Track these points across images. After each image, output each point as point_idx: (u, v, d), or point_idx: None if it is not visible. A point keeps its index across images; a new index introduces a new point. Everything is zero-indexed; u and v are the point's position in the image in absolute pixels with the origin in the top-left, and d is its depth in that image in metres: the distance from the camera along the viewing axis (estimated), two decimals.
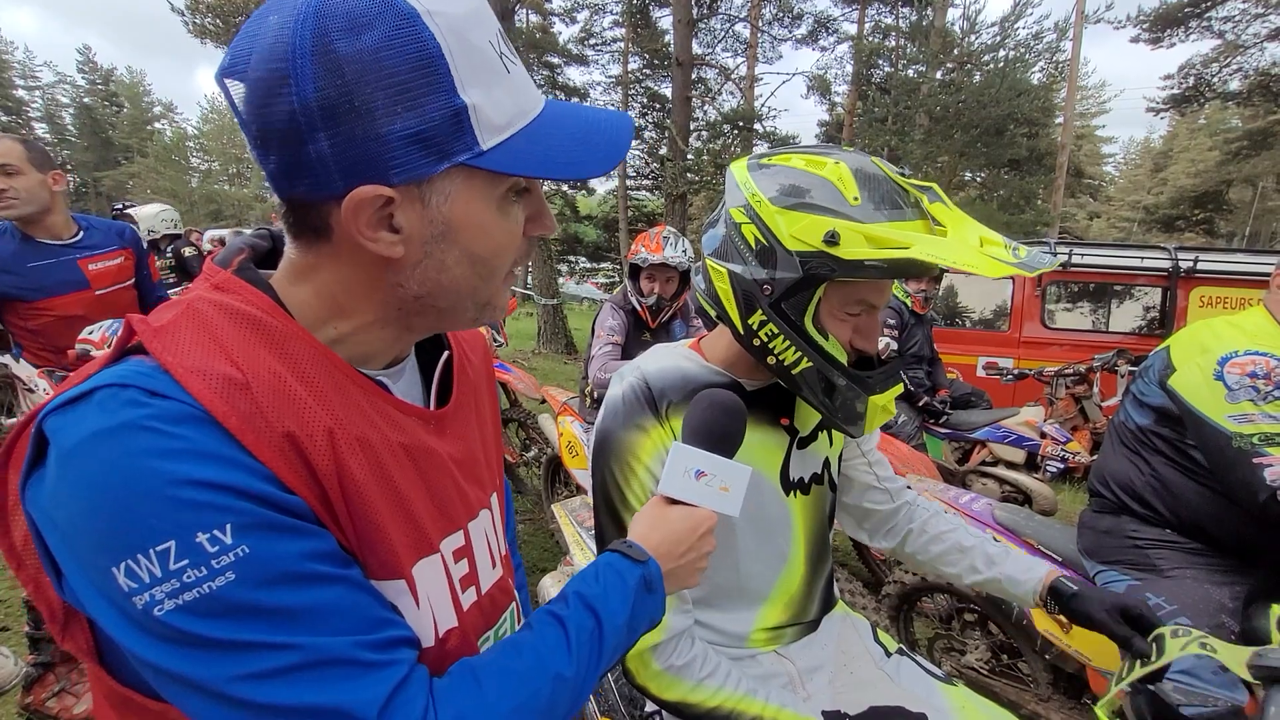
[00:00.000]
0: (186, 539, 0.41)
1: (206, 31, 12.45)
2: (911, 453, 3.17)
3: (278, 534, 0.45)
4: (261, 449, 0.46)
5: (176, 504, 0.42)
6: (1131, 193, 45.23)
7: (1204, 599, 1.48)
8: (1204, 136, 33.70)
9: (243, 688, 0.43)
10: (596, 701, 1.29)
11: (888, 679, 1.07)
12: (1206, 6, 17.89)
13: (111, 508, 0.41)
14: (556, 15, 23.24)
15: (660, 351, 1.05)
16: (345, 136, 0.46)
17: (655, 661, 0.92)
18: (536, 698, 0.54)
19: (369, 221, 0.49)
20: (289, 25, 0.45)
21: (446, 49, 0.47)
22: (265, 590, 0.44)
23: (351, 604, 0.48)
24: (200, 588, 0.42)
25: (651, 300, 2.76)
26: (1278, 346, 1.45)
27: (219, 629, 0.43)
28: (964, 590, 2.19)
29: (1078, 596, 0.98)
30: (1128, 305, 6.09)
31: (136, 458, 0.42)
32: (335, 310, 0.55)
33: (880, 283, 0.90)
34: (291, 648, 0.44)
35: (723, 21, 17.34)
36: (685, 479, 0.74)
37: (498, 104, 0.51)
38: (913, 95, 13.45)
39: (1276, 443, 1.38)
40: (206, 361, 0.47)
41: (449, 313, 0.58)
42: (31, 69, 44.09)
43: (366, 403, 0.55)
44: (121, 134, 43.41)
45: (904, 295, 4.07)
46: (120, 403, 0.43)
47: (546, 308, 10.54)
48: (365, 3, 0.45)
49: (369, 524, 0.53)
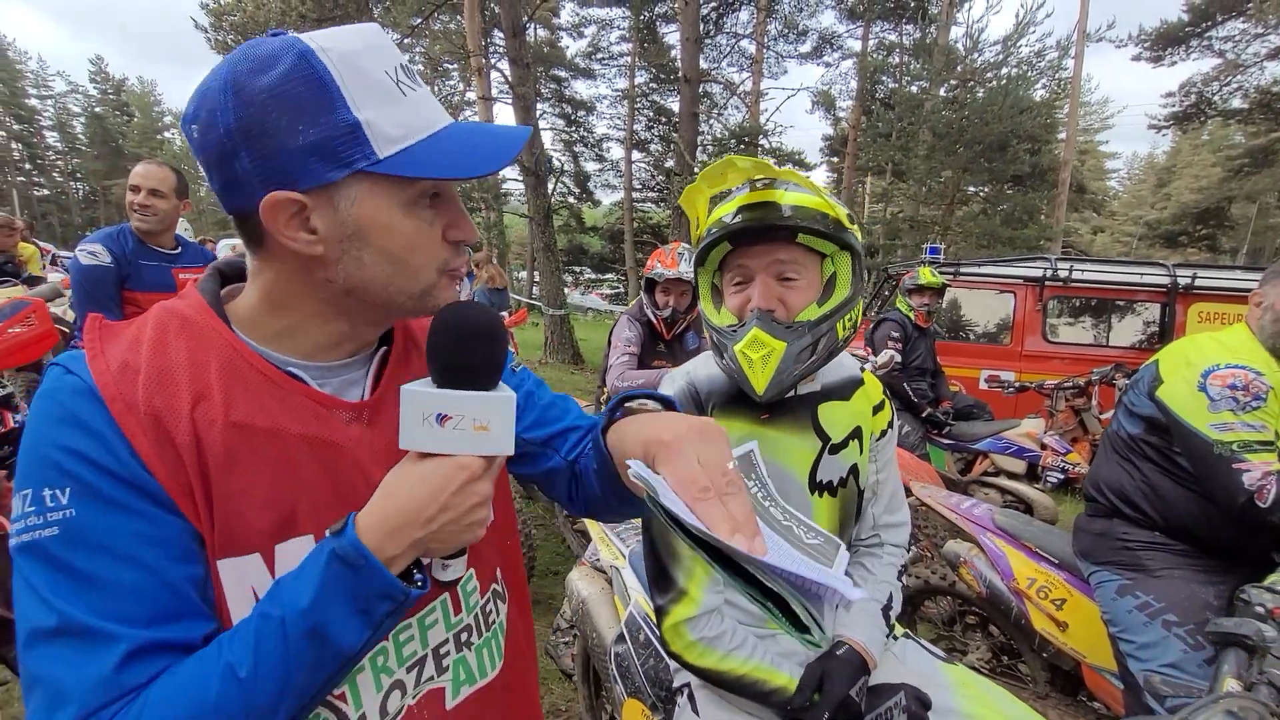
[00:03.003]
0: (38, 490, 0.51)
1: (228, 48, 12.71)
2: (916, 462, 3.26)
3: (109, 508, 0.52)
4: (130, 426, 0.53)
5: (42, 461, 0.52)
6: (1135, 208, 45.37)
7: (1190, 597, 1.58)
8: (1207, 152, 33.86)
9: (24, 638, 0.51)
10: (624, 683, 1.39)
11: (894, 659, 1.17)
12: (1207, 26, 18.10)
13: (20, 452, 0.54)
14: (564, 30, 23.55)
15: (708, 358, 1.19)
16: (260, 152, 0.56)
17: (690, 633, 1.03)
18: (202, 696, 0.51)
19: (287, 223, 0.58)
20: (219, 72, 0.57)
21: (337, 75, 0.57)
22: (74, 552, 0.51)
23: (148, 595, 0.52)
24: (34, 533, 0.51)
25: (666, 313, 2.88)
26: (1257, 360, 1.56)
27: (31, 571, 0.51)
28: (965, 594, 2.29)
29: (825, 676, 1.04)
30: (1128, 320, 6.18)
31: (37, 418, 0.54)
32: (276, 306, 0.64)
33: (737, 251, 1.09)
34: (54, 611, 0.49)
35: (729, 38, 17.59)
36: (425, 428, 0.60)
37: (392, 120, 0.59)
38: (916, 111, 13.62)
39: (1254, 449, 1.48)
40: (118, 352, 0.57)
41: (385, 305, 0.65)
42: (44, 78, 44.72)
43: (269, 394, 0.60)
44: (132, 143, 43.82)
45: (907, 309, 4.17)
46: (51, 376, 0.56)
47: (553, 318, 10.64)
48: (270, 47, 0.57)
49: (228, 503, 0.56)
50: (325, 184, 0.58)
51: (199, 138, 0.58)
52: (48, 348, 2.28)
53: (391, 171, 0.59)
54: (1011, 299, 5.80)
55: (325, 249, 0.60)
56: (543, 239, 10.21)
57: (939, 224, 15.17)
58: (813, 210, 1.02)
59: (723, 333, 1.08)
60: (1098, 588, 1.76)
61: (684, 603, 1.05)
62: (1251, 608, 1.10)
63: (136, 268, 2.37)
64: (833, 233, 1.03)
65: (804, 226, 1.01)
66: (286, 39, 0.58)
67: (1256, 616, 1.07)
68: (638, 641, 1.37)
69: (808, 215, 1.02)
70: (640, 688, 1.33)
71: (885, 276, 6.52)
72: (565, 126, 25.75)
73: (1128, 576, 1.68)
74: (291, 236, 0.59)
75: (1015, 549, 2.13)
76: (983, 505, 2.35)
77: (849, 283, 1.08)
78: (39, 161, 44.82)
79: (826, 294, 1.08)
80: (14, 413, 1.96)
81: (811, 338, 1.03)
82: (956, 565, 2.27)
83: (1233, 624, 1.05)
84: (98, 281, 2.27)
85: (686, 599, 1.05)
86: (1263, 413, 1.51)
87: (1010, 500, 3.85)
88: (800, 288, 1.06)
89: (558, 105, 25.24)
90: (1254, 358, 1.57)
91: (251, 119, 0.55)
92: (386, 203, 0.60)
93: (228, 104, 0.55)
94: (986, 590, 2.16)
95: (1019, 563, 2.09)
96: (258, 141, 0.56)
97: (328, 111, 0.56)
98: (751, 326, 1.03)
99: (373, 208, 0.60)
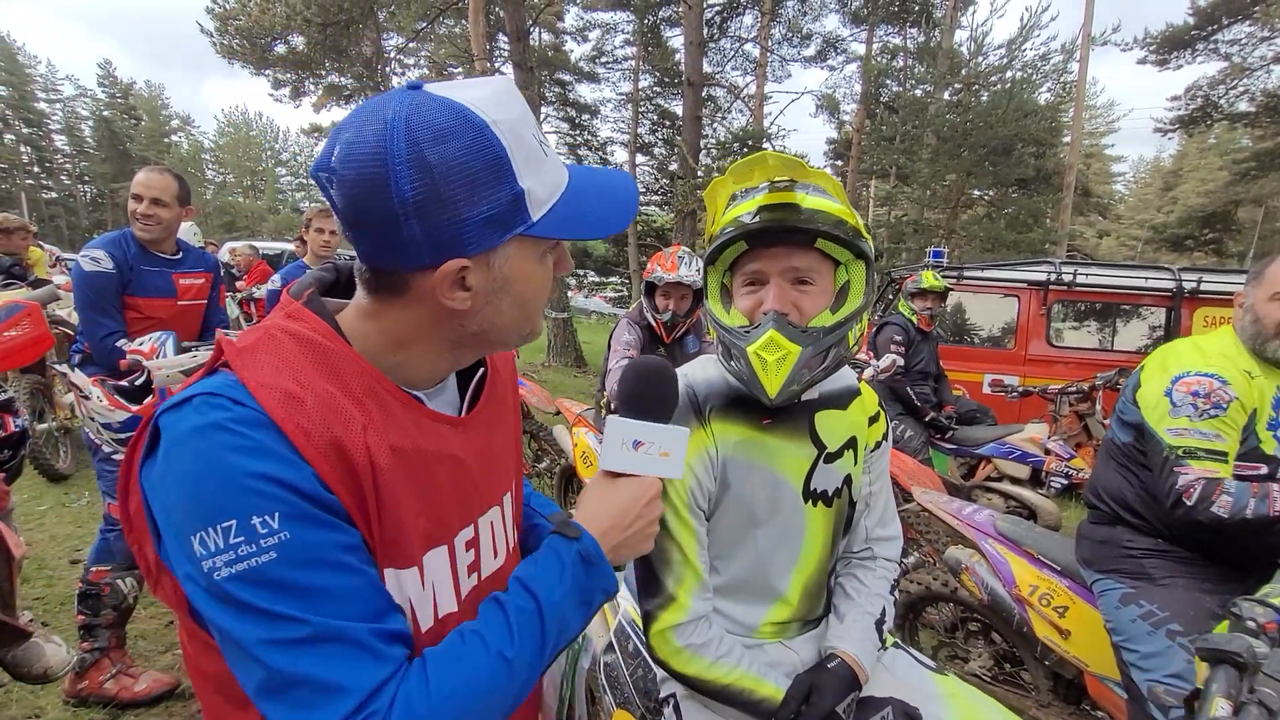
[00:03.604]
0: (244, 519, 0.52)
1: (234, 52, 12.79)
2: (918, 466, 3.24)
3: (315, 525, 0.55)
4: (310, 452, 0.56)
5: (241, 490, 0.52)
6: (1141, 211, 45.15)
7: (1194, 606, 1.56)
8: (1214, 156, 33.69)
9: (265, 651, 0.53)
10: (613, 693, 1.37)
11: (884, 670, 1.15)
12: (1213, 30, 18.03)
13: (195, 488, 0.53)
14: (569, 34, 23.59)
15: (705, 362, 1.17)
16: (433, 222, 0.57)
17: (677, 639, 1.02)
18: (476, 676, 0.59)
19: (449, 285, 0.61)
20: (383, 134, 0.55)
21: (509, 148, 0.59)
22: (298, 570, 0.53)
23: (366, 595, 0.58)
24: (249, 561, 0.52)
25: (666, 316, 2.87)
26: (1230, 368, 1.57)
27: (256, 597, 0.52)
28: (967, 600, 2.27)
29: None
30: (1133, 325, 6.14)
31: (218, 450, 0.53)
32: (398, 344, 0.66)
33: (752, 252, 1.06)
34: (304, 622, 0.53)
35: (733, 42, 17.59)
36: (624, 451, 0.76)
37: (542, 183, 0.63)
38: (920, 115, 13.57)
39: (1199, 457, 1.52)
40: (273, 378, 0.57)
41: (498, 344, 0.71)
42: (53, 82, 45.04)
43: (405, 415, 0.65)
44: (139, 146, 44.09)
45: (910, 313, 4.16)
46: (210, 406, 0.55)
47: (557, 320, 10.66)
48: (445, 118, 0.57)
49: (393, 519, 0.62)
50: (489, 249, 0.61)
51: (350, 195, 0.57)
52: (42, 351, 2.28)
53: (544, 234, 0.64)
54: (1015, 303, 5.77)
55: (473, 303, 0.64)
56: None
57: (943, 228, 15.11)
58: (833, 216, 1.00)
59: (734, 333, 1.04)
60: (1100, 596, 1.74)
61: (672, 609, 1.03)
62: (1243, 622, 1.04)
63: (138, 273, 2.37)
64: (850, 240, 1.01)
65: (824, 231, 0.99)
66: (454, 106, 0.57)
67: (1248, 631, 1.02)
68: (626, 651, 1.36)
69: (828, 221, 1.00)
70: (629, 698, 1.31)
71: (888, 280, 6.49)
72: (569, 130, 25.78)
73: (1131, 585, 1.66)
74: (450, 297, 0.62)
75: (1017, 555, 2.11)
76: (985, 511, 2.33)
77: (862, 292, 1.07)
78: (47, 165, 45.20)
79: (839, 302, 1.06)
80: (14, 417, 1.96)
81: (825, 344, 1.02)
82: (958, 572, 2.25)
83: (1223, 640, 0.98)
84: (100, 288, 2.27)
85: (675, 605, 1.03)
86: (1220, 422, 1.53)
87: (1014, 506, 3.83)
88: (814, 294, 1.04)
89: (562, 109, 25.28)
90: (1226, 365, 1.58)
91: (430, 190, 0.56)
92: (530, 256, 0.66)
93: (403, 173, 0.55)
94: (988, 597, 2.14)
95: (1021, 569, 2.07)
96: (433, 211, 0.57)
97: (501, 183, 0.59)
98: (768, 328, 1.00)
99: (519, 262, 0.65)
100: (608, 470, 0.77)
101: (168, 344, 2.12)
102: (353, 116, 0.59)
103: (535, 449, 4.28)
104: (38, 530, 3.45)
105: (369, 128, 0.56)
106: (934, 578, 2.39)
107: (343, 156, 0.57)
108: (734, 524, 1.10)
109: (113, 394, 2.16)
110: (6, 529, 1.58)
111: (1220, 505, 1.46)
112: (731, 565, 1.11)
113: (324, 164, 0.58)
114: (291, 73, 14.93)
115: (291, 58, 13.04)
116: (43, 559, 3.13)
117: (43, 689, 2.10)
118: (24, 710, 2.07)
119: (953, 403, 4.36)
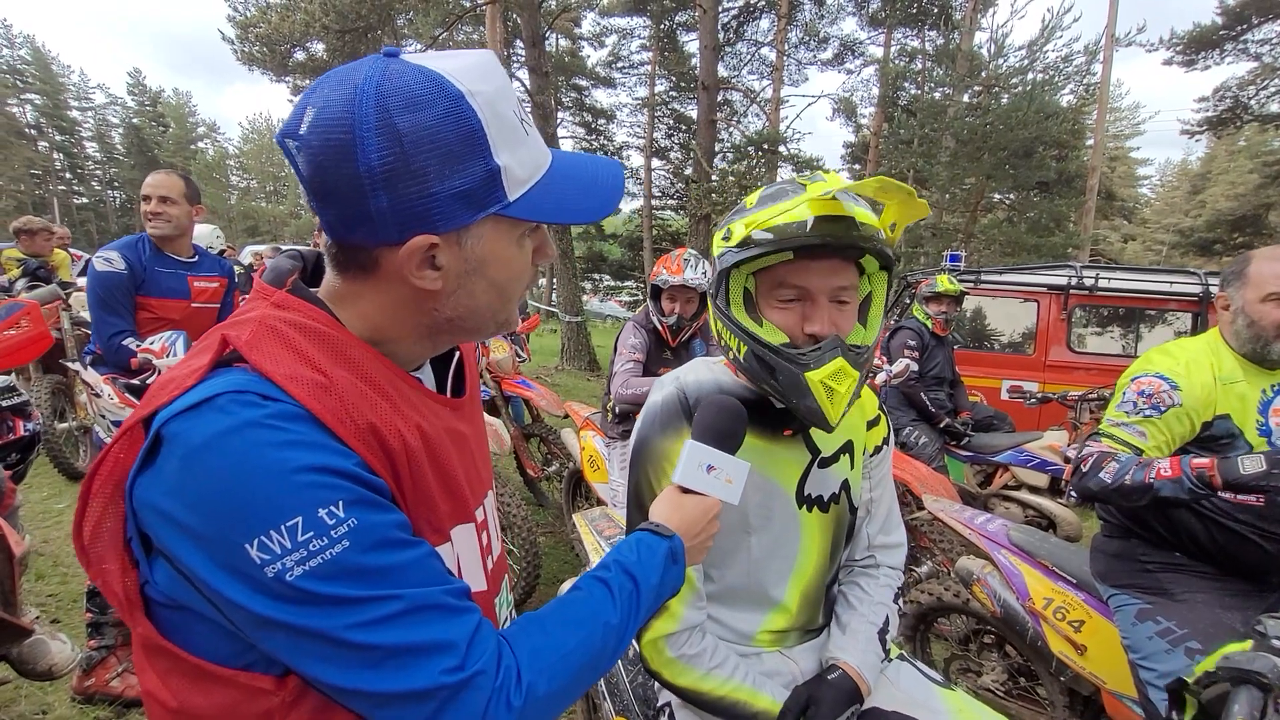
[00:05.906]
0: (311, 514, 0.50)
1: (254, 59, 13.01)
2: (930, 474, 3.18)
3: (374, 508, 0.54)
4: (351, 440, 0.55)
5: (299, 486, 0.50)
6: (1168, 215, 44.19)
7: (1215, 623, 1.49)
8: (1244, 159, 32.88)
9: (359, 633, 0.52)
10: (612, 701, 1.35)
11: (888, 683, 1.11)
12: (1242, 29, 17.63)
13: (245, 492, 0.49)
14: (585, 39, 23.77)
15: (697, 365, 1.13)
16: (402, 195, 0.55)
17: (669, 650, 0.99)
18: (591, 639, 0.65)
19: (417, 263, 0.59)
20: (353, 100, 0.53)
21: (485, 121, 0.56)
22: (372, 553, 0.53)
23: (430, 563, 0.58)
24: (323, 554, 0.50)
25: (672, 320, 2.84)
26: (1190, 374, 1.53)
27: (339, 587, 0.51)
28: (979, 612, 2.20)
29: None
30: (1158, 330, 5.99)
31: (263, 449, 0.50)
32: (374, 329, 0.63)
33: (795, 264, 0.96)
34: (396, 598, 0.53)
35: (749, 46, 17.57)
36: (698, 472, 0.85)
37: (521, 162, 0.60)
38: (939, 118, 13.42)
39: (1111, 436, 1.56)
40: (297, 369, 0.55)
41: (473, 330, 0.68)
42: (85, 90, 46.26)
43: (416, 397, 0.65)
44: (166, 153, 45.05)
45: (924, 317, 4.09)
46: (240, 405, 0.51)
47: (570, 324, 10.67)
48: (419, 85, 0.54)
49: (427, 497, 0.63)
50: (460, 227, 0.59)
51: (316, 162, 0.55)
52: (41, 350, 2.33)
53: (521, 215, 0.61)
54: (1035, 307, 5.66)
55: (444, 284, 0.61)
56: (560, 246, 10.27)
57: (962, 231, 14.92)
58: (875, 228, 0.95)
59: (779, 353, 0.95)
60: (1117, 611, 1.68)
61: (664, 618, 1.00)
62: (1268, 640, 1.00)
63: (153, 274, 2.43)
64: (887, 253, 0.97)
65: (875, 248, 0.94)
66: (429, 74, 0.55)
67: (1272, 650, 0.97)
68: (626, 658, 1.33)
69: (875, 233, 0.95)
70: (628, 706, 1.29)
71: (904, 284, 6.39)
72: (585, 135, 25.92)
73: (1148, 600, 1.60)
74: (418, 275, 0.60)
75: (1031, 567, 2.04)
76: (997, 521, 2.26)
77: (883, 304, 1.05)
78: (79, 171, 46.36)
79: (862, 315, 1.03)
80: (26, 420, 1.99)
81: (869, 364, 1.00)
82: (969, 583, 2.19)
83: (1246, 659, 0.94)
84: (111, 287, 2.33)
85: (666, 614, 1.00)
86: (1151, 424, 1.52)
87: (1032, 515, 3.74)
88: (849, 311, 1.00)
89: (578, 114, 25.44)
90: (1190, 371, 1.55)
91: (399, 161, 0.53)
92: (506, 238, 0.63)
93: (370, 141, 0.52)
94: (1001, 610, 2.08)
95: (1035, 582, 2.01)
96: (401, 184, 0.54)
97: (475, 157, 0.57)
98: (835, 355, 0.93)
99: (494, 243, 0.62)
100: (681, 486, 0.85)
101: (178, 343, 2.15)
102: (323, 81, 0.57)
103: (544, 452, 4.27)
104: (54, 528, 3.49)
105: (338, 93, 0.54)
106: (945, 588, 2.33)
107: (311, 122, 0.55)
108: (726, 530, 1.06)
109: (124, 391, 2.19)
110: (7, 527, 1.59)
111: (1106, 472, 1.49)
112: (726, 573, 1.08)
113: (291, 130, 0.56)
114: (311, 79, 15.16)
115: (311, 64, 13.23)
116: (58, 556, 3.16)
117: (50, 686, 2.12)
118: (31, 707, 2.09)
119: (969, 409, 4.27)
